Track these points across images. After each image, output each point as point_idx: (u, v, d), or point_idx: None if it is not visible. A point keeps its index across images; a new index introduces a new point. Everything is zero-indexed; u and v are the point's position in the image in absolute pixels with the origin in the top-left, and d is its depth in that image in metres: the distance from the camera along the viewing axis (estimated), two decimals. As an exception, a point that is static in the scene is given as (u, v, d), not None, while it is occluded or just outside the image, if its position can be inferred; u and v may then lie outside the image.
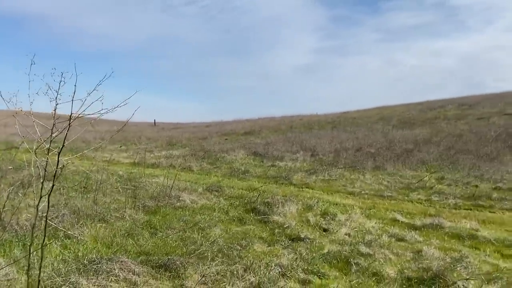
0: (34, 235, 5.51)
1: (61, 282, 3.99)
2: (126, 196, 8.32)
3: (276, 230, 6.64)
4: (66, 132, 2.53)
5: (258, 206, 7.87)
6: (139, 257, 5.02)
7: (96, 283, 4.11)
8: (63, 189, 8.66)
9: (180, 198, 8.26)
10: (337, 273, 5.06)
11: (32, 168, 9.58)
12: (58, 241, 5.44)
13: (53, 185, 2.62)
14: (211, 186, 9.85)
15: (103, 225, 6.28)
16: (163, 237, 5.91)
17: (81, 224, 6.04)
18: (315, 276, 4.88)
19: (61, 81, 2.46)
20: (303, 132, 22.99)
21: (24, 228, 5.65)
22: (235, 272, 4.65)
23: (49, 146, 2.46)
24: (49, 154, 2.55)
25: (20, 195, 7.74)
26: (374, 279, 4.88)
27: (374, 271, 5.08)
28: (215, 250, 5.39)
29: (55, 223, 5.82)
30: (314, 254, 5.54)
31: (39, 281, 3.51)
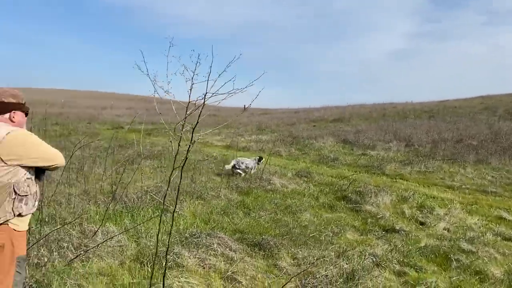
0: (140, 207, 6.03)
1: (165, 252, 4.30)
2: (221, 176, 8.69)
3: (369, 220, 6.47)
4: (201, 109, 2.70)
5: (350, 194, 7.73)
6: (235, 234, 5.23)
7: (197, 256, 4.37)
8: (163, 168, 9.31)
9: (271, 182, 8.41)
10: (435, 268, 4.81)
11: (141, 146, 10.37)
12: (160, 214, 5.86)
13: (186, 159, 2.82)
14: (300, 172, 9.88)
15: (201, 202, 6.64)
16: (256, 217, 6.08)
17: (181, 200, 6.44)
18: (412, 268, 4.69)
19: (197, 62, 2.61)
20: (396, 120, 21.93)
21: (132, 200, 6.17)
22: (327, 257, 4.64)
23: (184, 122, 2.64)
24: (183, 130, 2.76)
25: (127, 170, 8.49)
26: (477, 277, 4.55)
27: (477, 269, 4.74)
28: (307, 234, 5.42)
29: (157, 198, 6.28)
30: (410, 247, 5.32)
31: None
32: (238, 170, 9.07)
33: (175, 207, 3.31)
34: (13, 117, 2.65)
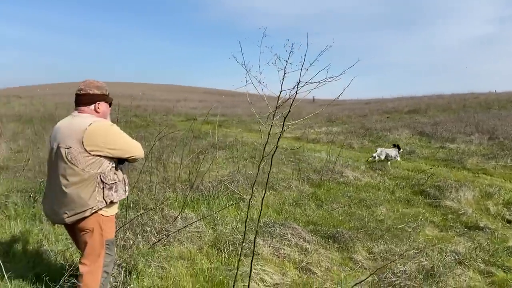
0: (215, 196, 6.23)
1: (241, 239, 4.41)
2: (291, 168, 8.70)
3: (449, 216, 6.13)
4: (292, 100, 2.69)
5: (428, 189, 7.36)
6: (308, 226, 5.22)
7: (271, 245, 4.43)
8: (235, 158, 9.52)
9: (343, 174, 8.26)
10: (527, 271, 4.44)
11: (216, 137, 10.68)
12: (233, 203, 6.02)
13: (276, 147, 2.85)
14: (373, 165, 9.59)
15: (272, 192, 6.71)
16: (329, 210, 6.01)
17: (253, 189, 6.55)
18: (499, 269, 4.37)
19: (290, 51, 2.61)
20: (478, 112, 20.44)
21: (208, 189, 6.39)
22: (405, 253, 4.47)
23: (274, 112, 2.66)
24: (274, 119, 2.76)
25: (201, 160, 8.81)
26: None
27: None
28: (383, 228, 5.26)
29: (231, 187, 6.45)
30: (496, 246, 4.96)
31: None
32: (381, 157, 9.88)
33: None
34: (98, 108, 2.79)
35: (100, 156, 2.64)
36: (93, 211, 2.66)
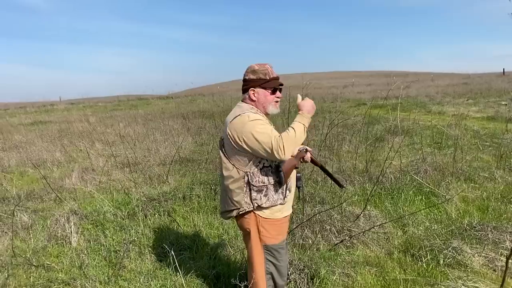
0: (400, 189, 5.43)
1: (442, 245, 3.60)
2: (490, 153, 7.22)
3: None
4: None
5: None
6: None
7: (483, 254, 3.50)
8: (417, 145, 8.43)
9: None
10: None
11: (398, 122, 9.73)
12: (423, 198, 5.14)
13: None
14: None
15: (471, 185, 5.55)
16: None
17: (446, 182, 5.53)
18: None
19: None
20: None
21: (390, 180, 5.65)
22: None
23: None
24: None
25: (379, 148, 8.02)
26: None
27: None
28: None
29: (418, 178, 5.54)
30: None
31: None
32: None
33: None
34: (253, 95, 2.39)
35: (245, 152, 2.28)
36: (241, 212, 2.37)
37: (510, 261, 2.68)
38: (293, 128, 2.25)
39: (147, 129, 12.30)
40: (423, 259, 3.50)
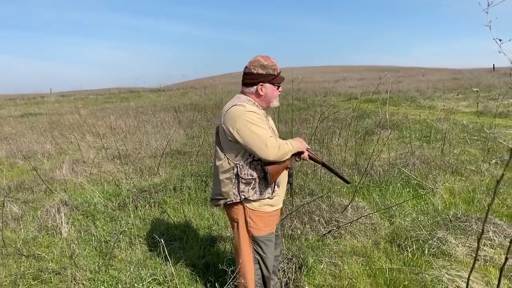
0: (388, 181, 5.51)
1: (427, 236, 3.69)
2: (477, 148, 7.34)
3: None
4: None
5: None
6: (513, 221, 4.15)
7: (466, 244, 3.59)
8: (406, 138, 8.52)
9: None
10: None
11: (381, 116, 9.82)
12: (411, 190, 5.23)
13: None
14: None
15: (458, 177, 5.65)
16: (539, 200, 4.74)
17: (433, 175, 5.62)
18: None
19: None
20: None
21: (378, 173, 5.73)
22: None
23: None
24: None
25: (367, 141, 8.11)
26: None
27: None
28: None
29: (406, 171, 5.63)
30: None
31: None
32: None
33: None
34: (261, 90, 2.40)
35: (237, 144, 2.30)
36: (228, 202, 2.42)
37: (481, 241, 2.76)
38: (291, 144, 2.40)
39: (138, 121, 12.26)
40: (409, 249, 3.58)
